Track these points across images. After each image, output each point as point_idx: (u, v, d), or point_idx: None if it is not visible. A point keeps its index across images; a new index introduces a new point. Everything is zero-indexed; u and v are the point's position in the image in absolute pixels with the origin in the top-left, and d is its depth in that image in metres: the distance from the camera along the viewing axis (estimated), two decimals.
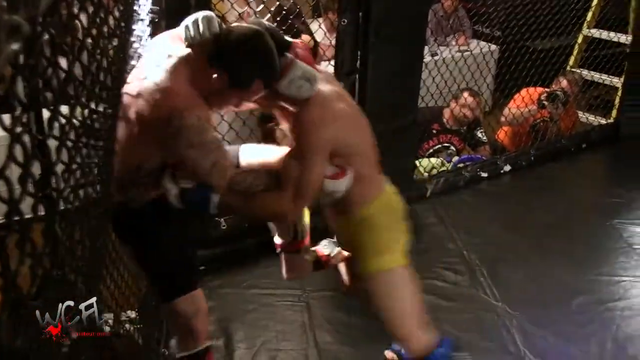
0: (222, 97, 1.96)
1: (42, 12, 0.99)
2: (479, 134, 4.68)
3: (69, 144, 1.21)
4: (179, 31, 1.97)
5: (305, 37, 4.96)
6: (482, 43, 5.35)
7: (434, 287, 3.27)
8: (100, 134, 1.56)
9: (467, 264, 3.46)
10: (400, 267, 2.24)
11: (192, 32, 1.90)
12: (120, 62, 1.91)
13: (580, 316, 3.08)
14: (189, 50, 1.92)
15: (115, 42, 1.69)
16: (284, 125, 2.15)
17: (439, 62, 4.44)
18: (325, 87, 2.05)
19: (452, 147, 4.62)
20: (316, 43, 4.94)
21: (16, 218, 0.89)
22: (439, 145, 4.59)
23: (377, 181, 2.25)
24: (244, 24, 1.94)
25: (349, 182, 2.08)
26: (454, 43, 5.39)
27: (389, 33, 3.45)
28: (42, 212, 1.08)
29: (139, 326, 2.86)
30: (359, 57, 3.52)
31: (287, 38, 2.01)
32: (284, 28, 4.43)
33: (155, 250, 2.16)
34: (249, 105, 2.11)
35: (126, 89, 1.93)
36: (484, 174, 4.39)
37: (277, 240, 2.44)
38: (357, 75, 3.55)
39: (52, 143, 1.15)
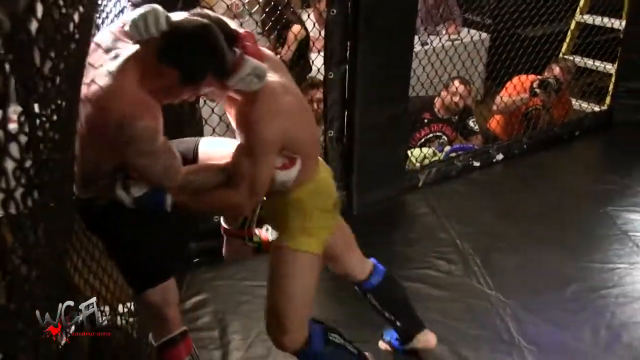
0: (172, 92, 1.92)
1: (22, 9, 0.98)
2: (471, 123, 4.67)
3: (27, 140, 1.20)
4: (123, 26, 1.91)
5: (295, 28, 4.94)
6: (473, 31, 5.32)
7: (426, 277, 3.26)
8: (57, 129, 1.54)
9: (460, 253, 3.45)
10: (314, 255, 2.18)
11: (139, 28, 1.83)
12: (81, 55, 1.88)
13: (574, 304, 3.08)
14: (136, 47, 1.86)
15: (77, 36, 1.66)
16: (230, 115, 2.11)
17: (429, 51, 4.41)
18: (272, 78, 2.00)
19: (444, 137, 4.61)
20: (307, 33, 4.92)
21: None
22: (431, 135, 4.57)
23: (313, 165, 2.17)
24: (192, 17, 1.88)
25: (298, 169, 2.06)
26: (444, 32, 5.36)
27: (379, 22, 3.43)
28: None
29: (132, 319, 2.85)
30: (348, 47, 3.50)
31: (235, 29, 1.97)
32: (273, 19, 4.47)
33: (120, 243, 2.17)
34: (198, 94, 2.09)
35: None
36: (476, 163, 4.37)
37: (224, 223, 2.46)
38: (347, 66, 3.53)
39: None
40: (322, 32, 3.58)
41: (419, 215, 3.83)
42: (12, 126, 1.07)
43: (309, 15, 5.13)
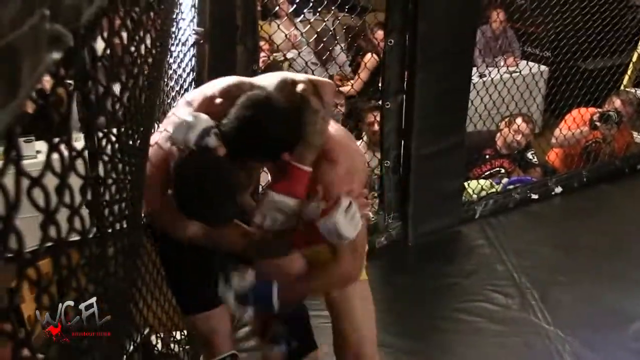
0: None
1: (85, 24, 1.01)
2: (529, 155, 4.60)
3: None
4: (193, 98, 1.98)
5: (367, 57, 5.01)
6: (531, 64, 5.27)
7: (483, 310, 3.20)
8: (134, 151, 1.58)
9: (517, 286, 3.38)
10: (366, 282, 2.23)
11: (176, 135, 1.83)
12: (155, 82, 1.93)
13: (637, 343, 2.97)
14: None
15: (150, 61, 1.71)
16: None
17: (487, 83, 4.39)
18: (335, 129, 2.03)
19: (503, 170, 4.55)
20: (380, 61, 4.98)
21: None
22: (491, 170, 4.52)
23: None
24: (204, 155, 1.82)
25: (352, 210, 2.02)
26: (502, 64, 5.33)
27: (436, 53, 3.43)
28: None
29: (186, 347, 2.87)
30: (405, 77, 3.51)
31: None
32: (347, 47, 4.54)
33: (169, 267, 2.24)
34: None
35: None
36: (535, 196, 4.30)
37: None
38: (404, 96, 3.54)
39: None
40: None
41: (476, 247, 3.77)
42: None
43: (367, 45, 5.17)
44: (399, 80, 3.51)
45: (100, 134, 1.18)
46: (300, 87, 1.89)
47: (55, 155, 0.90)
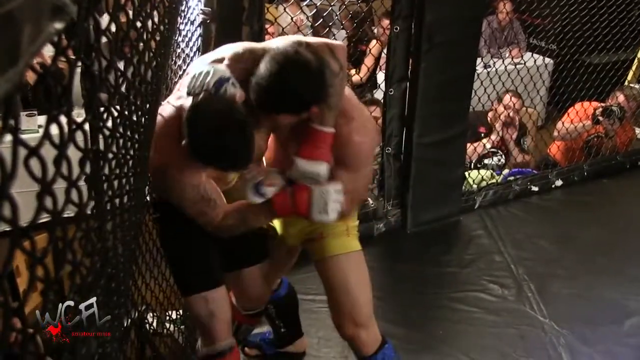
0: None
1: None
2: (522, 142, 4.60)
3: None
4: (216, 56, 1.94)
5: (372, 43, 5.00)
6: (536, 56, 5.25)
7: (479, 300, 3.20)
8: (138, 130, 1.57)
9: (514, 278, 3.38)
10: (359, 252, 2.25)
11: (192, 84, 1.82)
12: (162, 60, 1.91)
13: (633, 339, 2.97)
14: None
15: (157, 38, 1.70)
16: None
17: (491, 73, 4.37)
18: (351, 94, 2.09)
19: (500, 153, 4.53)
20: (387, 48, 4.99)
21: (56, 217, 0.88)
22: (487, 151, 4.51)
23: None
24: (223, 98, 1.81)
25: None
26: (507, 55, 5.31)
27: (442, 41, 3.41)
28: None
29: (181, 327, 2.88)
30: (410, 65, 3.50)
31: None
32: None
33: (168, 245, 2.23)
34: None
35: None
36: (535, 188, 4.30)
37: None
38: (407, 83, 3.52)
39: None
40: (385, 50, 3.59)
41: (474, 237, 3.77)
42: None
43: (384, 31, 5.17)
44: (404, 68, 3.50)
45: (102, 109, 1.17)
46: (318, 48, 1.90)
47: (54, 128, 0.89)
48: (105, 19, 1.16)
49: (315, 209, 1.93)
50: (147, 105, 1.63)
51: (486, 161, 4.47)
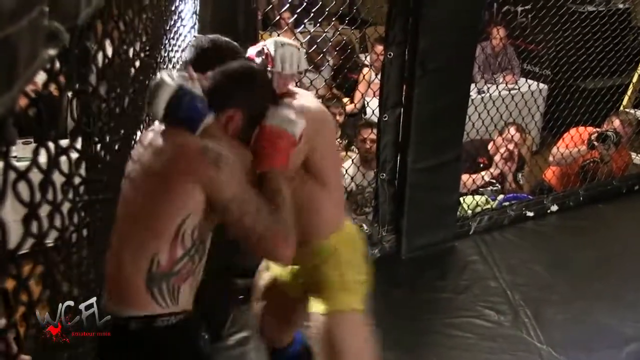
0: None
1: (82, 24, 1.01)
2: (520, 177, 4.60)
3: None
4: None
5: (365, 70, 5.04)
6: (530, 81, 5.29)
7: (474, 326, 3.18)
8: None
9: (510, 303, 3.36)
10: (358, 312, 2.11)
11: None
12: (142, 85, 1.91)
13: None
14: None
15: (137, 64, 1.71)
16: None
17: (485, 98, 4.39)
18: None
19: (498, 185, 4.54)
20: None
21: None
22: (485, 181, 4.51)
23: (341, 211, 2.14)
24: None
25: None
26: (501, 81, 5.34)
27: (435, 67, 3.43)
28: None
29: None
30: (404, 91, 3.51)
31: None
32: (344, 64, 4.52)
33: None
34: None
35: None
36: (530, 213, 4.29)
37: None
38: (401, 109, 3.53)
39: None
40: (379, 76, 3.60)
41: (469, 263, 3.75)
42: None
43: (365, 58, 5.20)
44: (398, 93, 3.51)
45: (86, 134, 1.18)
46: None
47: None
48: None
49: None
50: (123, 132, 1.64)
51: (481, 190, 4.47)
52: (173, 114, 1.65)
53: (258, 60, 1.90)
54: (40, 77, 0.88)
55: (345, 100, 5.24)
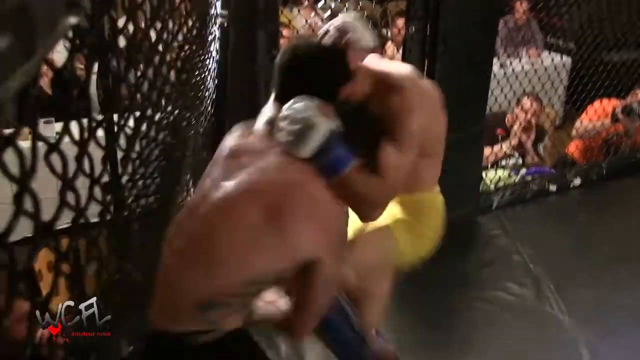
0: None
1: None
2: (540, 148, 4.57)
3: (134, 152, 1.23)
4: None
5: (389, 45, 5.01)
6: (554, 55, 5.23)
7: (499, 300, 3.20)
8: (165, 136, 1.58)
9: (533, 277, 3.37)
10: (392, 235, 2.13)
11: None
12: (194, 60, 1.91)
13: None
14: None
15: (181, 43, 1.71)
16: None
17: (508, 73, 4.36)
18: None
19: (517, 154, 4.50)
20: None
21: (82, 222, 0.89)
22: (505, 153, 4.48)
23: (437, 171, 2.24)
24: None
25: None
26: (524, 54, 5.29)
27: (457, 42, 3.42)
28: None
29: None
30: (425, 67, 3.50)
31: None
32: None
33: None
34: None
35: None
36: (553, 188, 4.27)
37: None
38: None
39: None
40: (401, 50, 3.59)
41: (492, 237, 3.76)
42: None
43: (387, 33, 5.17)
44: (419, 68, 3.50)
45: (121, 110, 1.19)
46: None
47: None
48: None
49: None
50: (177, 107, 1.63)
51: (502, 163, 4.45)
52: (318, 157, 1.53)
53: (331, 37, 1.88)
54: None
55: None
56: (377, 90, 1.93)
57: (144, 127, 1.46)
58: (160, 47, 1.45)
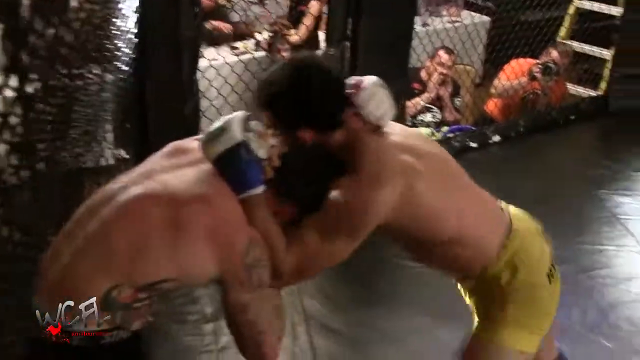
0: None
1: None
2: (457, 102, 4.67)
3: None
4: None
5: (312, 3, 4.97)
6: (474, 14, 5.34)
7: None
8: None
9: None
10: (525, 356, 1.76)
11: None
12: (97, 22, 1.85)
13: (564, 285, 3.09)
14: None
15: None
16: None
17: (430, 31, 4.43)
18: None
19: (435, 109, 4.59)
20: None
21: None
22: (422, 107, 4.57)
23: (496, 221, 1.83)
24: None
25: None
26: (445, 13, 5.37)
27: (380, 0, 3.45)
28: None
29: None
30: (350, 24, 3.52)
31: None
32: None
33: None
34: None
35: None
36: (473, 144, 4.41)
37: None
38: (347, 43, 3.55)
39: None
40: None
41: None
42: None
43: None
44: (343, 27, 3.52)
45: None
46: None
47: None
48: None
49: None
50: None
51: (421, 117, 4.53)
52: (222, 167, 1.47)
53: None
54: None
55: (292, 31, 5.19)
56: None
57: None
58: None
